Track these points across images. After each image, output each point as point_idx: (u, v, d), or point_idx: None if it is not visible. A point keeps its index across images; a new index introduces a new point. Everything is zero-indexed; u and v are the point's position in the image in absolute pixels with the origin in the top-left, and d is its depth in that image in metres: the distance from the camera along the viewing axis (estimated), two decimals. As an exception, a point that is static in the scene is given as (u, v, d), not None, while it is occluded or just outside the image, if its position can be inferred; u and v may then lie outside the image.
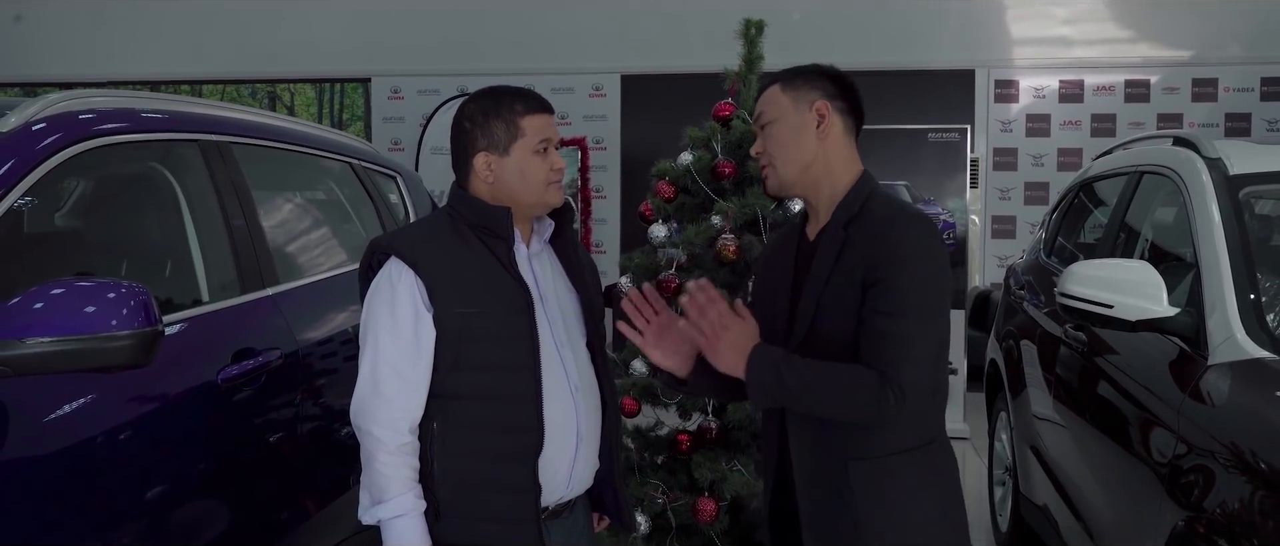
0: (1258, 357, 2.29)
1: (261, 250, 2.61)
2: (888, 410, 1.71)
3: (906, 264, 1.74)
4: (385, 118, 8.75)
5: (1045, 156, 8.02)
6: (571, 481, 1.97)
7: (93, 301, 1.70)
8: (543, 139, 1.94)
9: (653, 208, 3.28)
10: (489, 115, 1.94)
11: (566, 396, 1.94)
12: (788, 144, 1.90)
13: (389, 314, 1.86)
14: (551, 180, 1.95)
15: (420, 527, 1.85)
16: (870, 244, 1.78)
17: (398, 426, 1.85)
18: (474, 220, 1.93)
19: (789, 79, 1.94)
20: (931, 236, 1.79)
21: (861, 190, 1.89)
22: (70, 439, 1.88)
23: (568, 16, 8.21)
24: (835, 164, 1.91)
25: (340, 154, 3.36)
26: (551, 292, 2.00)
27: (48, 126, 2.09)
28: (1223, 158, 2.83)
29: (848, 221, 1.85)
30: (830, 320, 1.80)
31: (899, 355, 1.71)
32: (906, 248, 1.75)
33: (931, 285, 1.76)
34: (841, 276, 1.80)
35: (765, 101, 1.96)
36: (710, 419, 3.08)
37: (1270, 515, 1.90)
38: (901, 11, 7.86)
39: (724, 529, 3.03)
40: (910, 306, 1.73)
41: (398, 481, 1.84)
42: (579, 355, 2.01)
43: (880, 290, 1.74)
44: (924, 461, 1.84)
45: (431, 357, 1.86)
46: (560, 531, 1.99)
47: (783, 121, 1.91)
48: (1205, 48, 7.78)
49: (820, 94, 1.91)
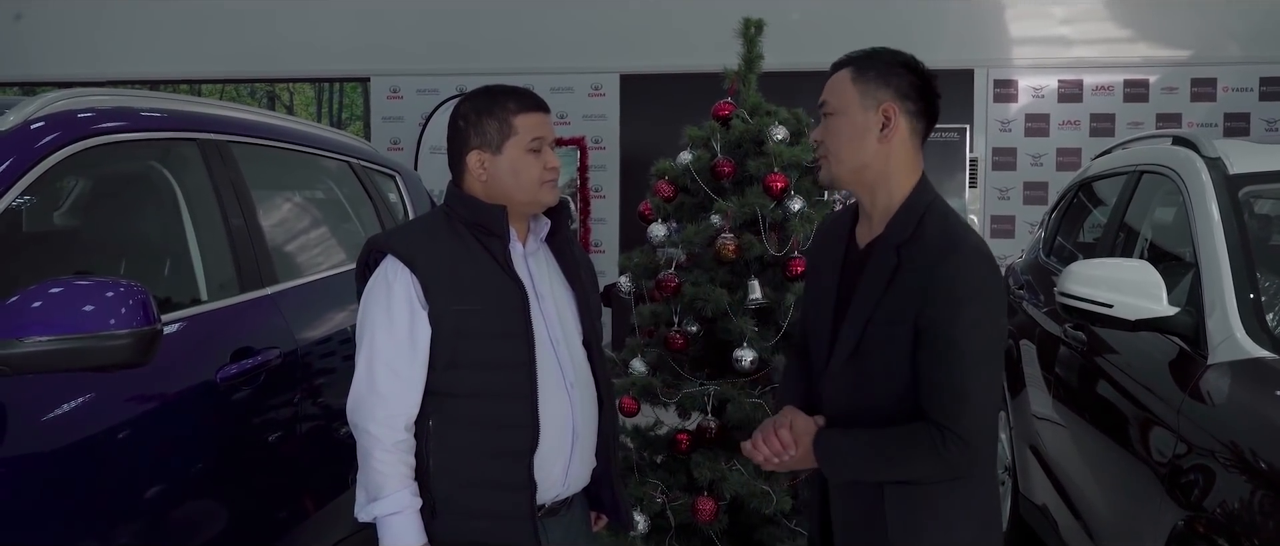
0: (1258, 357, 2.29)
1: (260, 249, 2.61)
2: (955, 462, 1.67)
3: (962, 307, 1.66)
4: (384, 117, 8.74)
5: (1044, 156, 8.02)
6: (568, 479, 1.97)
7: (91, 300, 1.70)
8: (536, 137, 1.93)
9: (652, 207, 3.27)
10: (482, 113, 1.95)
11: (562, 394, 1.94)
12: (847, 141, 1.78)
13: (385, 312, 1.86)
14: (545, 179, 1.94)
15: (416, 524, 1.86)
16: (924, 277, 1.69)
17: (393, 424, 1.86)
18: (469, 218, 1.93)
19: (861, 68, 1.79)
20: (988, 272, 1.71)
21: (917, 205, 1.77)
22: (69, 438, 1.87)
23: (567, 16, 8.21)
24: (895, 169, 1.79)
25: (339, 153, 3.36)
26: (547, 290, 2.00)
27: (46, 125, 2.09)
28: (1222, 157, 2.82)
29: (901, 243, 1.74)
30: (875, 349, 1.74)
31: (958, 407, 1.66)
32: (962, 288, 1.66)
33: (987, 328, 1.69)
34: (891, 305, 1.72)
35: (832, 88, 1.82)
36: (709, 418, 3.07)
37: (1270, 515, 1.89)
38: (900, 11, 7.85)
39: (723, 528, 3.03)
40: (967, 355, 1.66)
41: (393, 478, 1.85)
42: (575, 353, 2.01)
43: (935, 336, 1.67)
44: (962, 491, 1.76)
45: (427, 355, 1.87)
46: (557, 529, 2.00)
47: (845, 116, 1.79)
48: (1204, 47, 7.77)
49: (891, 94, 1.77)
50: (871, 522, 1.79)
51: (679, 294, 3.09)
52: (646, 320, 3.17)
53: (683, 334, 3.10)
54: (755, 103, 3.23)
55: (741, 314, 3.03)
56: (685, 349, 3.11)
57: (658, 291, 3.14)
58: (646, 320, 3.17)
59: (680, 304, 3.10)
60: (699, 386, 3.08)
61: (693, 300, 3.06)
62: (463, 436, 1.89)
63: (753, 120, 3.18)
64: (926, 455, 1.68)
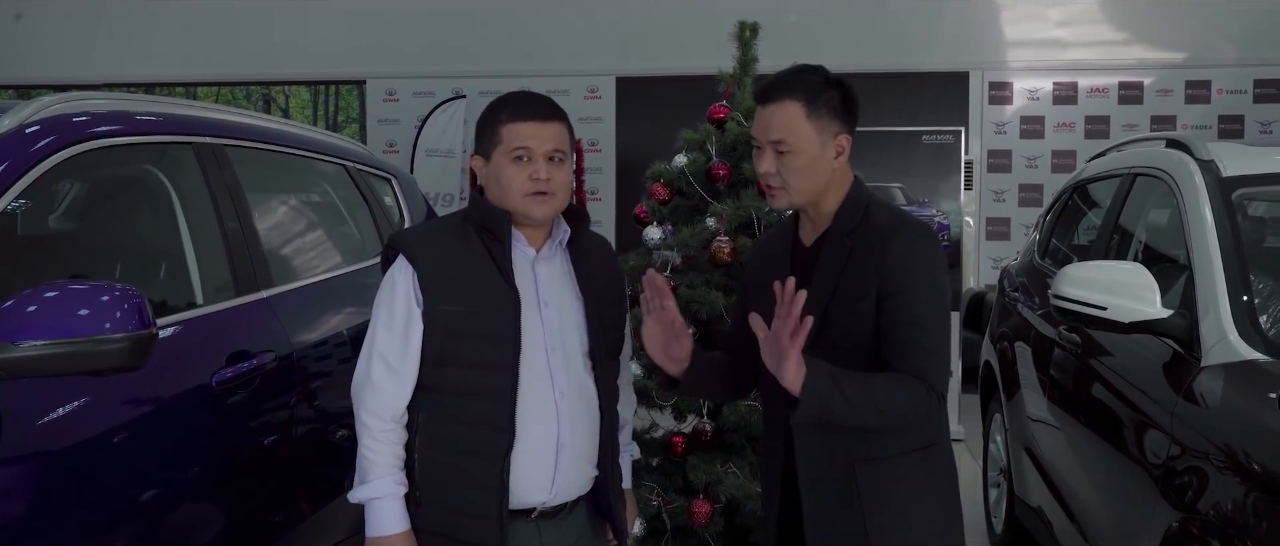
0: (1251, 359, 2.29)
1: (256, 253, 2.61)
2: (933, 412, 1.87)
3: (920, 275, 1.85)
4: (380, 120, 8.74)
5: (1039, 158, 8.03)
6: (555, 487, 1.97)
7: (87, 304, 1.70)
8: (520, 147, 1.90)
9: (647, 210, 3.28)
10: (484, 118, 1.98)
11: (548, 402, 1.94)
12: (808, 176, 1.92)
13: (388, 306, 1.93)
14: (529, 191, 1.90)
15: (398, 511, 1.90)
16: (878, 255, 1.86)
17: (382, 414, 1.91)
18: (478, 220, 1.97)
19: (811, 100, 1.90)
20: (935, 246, 1.91)
21: (860, 197, 1.96)
22: (64, 442, 1.87)
23: (563, 19, 8.21)
24: (839, 179, 1.96)
25: (335, 156, 3.36)
26: (554, 298, 1.99)
27: (42, 129, 2.09)
28: (1216, 159, 2.83)
29: (851, 230, 1.91)
30: (840, 329, 1.87)
31: (930, 362, 1.84)
32: (916, 259, 1.86)
33: (941, 294, 1.91)
34: (850, 285, 1.87)
35: (786, 127, 1.90)
36: (705, 421, 3.08)
37: (1263, 516, 1.90)
38: (896, 14, 7.87)
39: (719, 531, 3.03)
40: (928, 318, 1.85)
41: (380, 465, 1.90)
42: (573, 363, 1.99)
43: (899, 303, 1.84)
44: (926, 462, 1.93)
45: (419, 351, 1.90)
46: (554, 532, 2.00)
47: (804, 153, 1.90)
48: (1199, 50, 7.80)
49: (841, 125, 1.93)
50: (843, 502, 1.89)
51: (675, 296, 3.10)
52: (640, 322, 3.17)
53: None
54: (750, 106, 3.23)
55: (737, 316, 3.04)
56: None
57: (653, 294, 3.14)
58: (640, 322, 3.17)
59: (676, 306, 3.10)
60: (695, 389, 3.08)
61: (688, 303, 3.07)
62: (447, 432, 1.92)
63: (748, 123, 3.18)
64: (916, 398, 1.82)
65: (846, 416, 1.80)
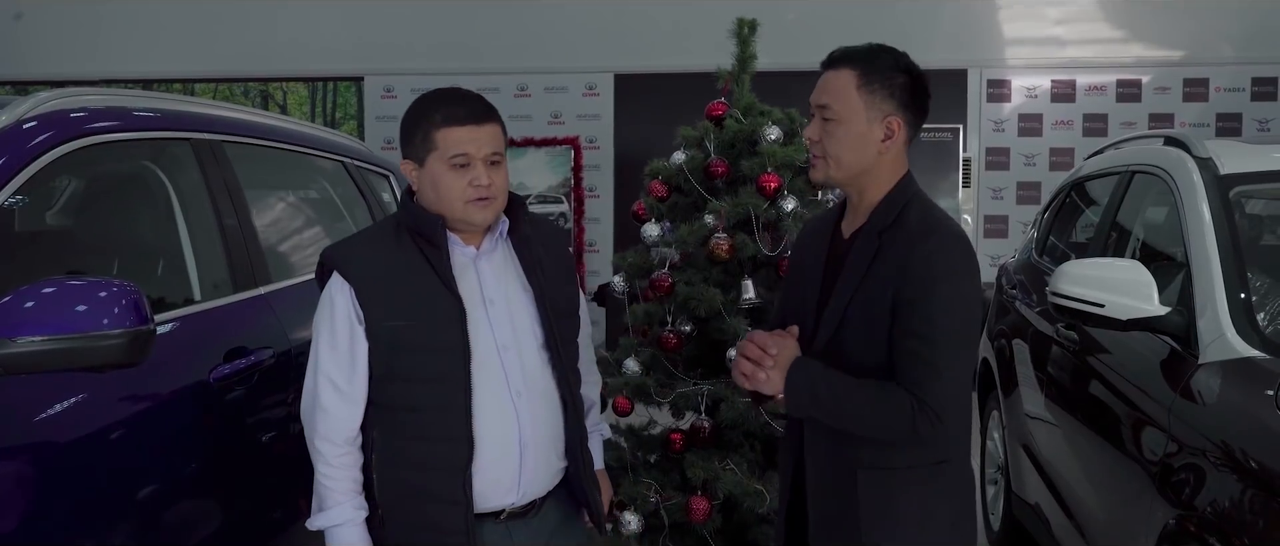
0: (1248, 356, 2.29)
1: (254, 249, 2.61)
2: (922, 431, 1.71)
3: (939, 285, 1.71)
4: (378, 116, 8.73)
5: (1037, 156, 8.03)
6: (521, 487, 1.93)
7: (84, 300, 1.70)
8: (459, 153, 1.83)
9: (646, 207, 3.28)
10: (411, 120, 1.89)
11: (506, 404, 1.89)
12: (849, 149, 1.82)
13: (329, 326, 1.87)
14: (470, 198, 1.84)
15: (360, 535, 1.87)
16: (903, 258, 1.74)
17: (335, 438, 1.87)
18: (411, 226, 1.90)
19: (867, 75, 1.80)
20: (964, 254, 1.76)
21: (901, 195, 1.83)
22: (62, 438, 1.87)
23: (561, 16, 8.20)
24: (886, 167, 1.84)
25: (333, 153, 3.36)
26: (500, 294, 1.93)
27: (39, 125, 2.08)
28: (1213, 157, 2.83)
29: (883, 229, 1.80)
30: (855, 331, 1.79)
31: (933, 380, 1.70)
32: (939, 267, 1.72)
33: (962, 307, 1.74)
34: (871, 288, 1.77)
35: (835, 92, 1.82)
36: (703, 418, 3.08)
37: (1260, 513, 1.90)
38: (894, 11, 7.86)
39: (717, 528, 3.03)
40: (942, 330, 1.71)
41: (336, 491, 1.87)
42: (527, 358, 1.93)
43: (912, 311, 1.72)
44: (936, 480, 1.81)
45: (366, 370, 1.86)
46: (524, 531, 1.96)
47: (849, 125, 1.81)
48: (1197, 48, 7.80)
49: (896, 106, 1.81)
50: (845, 508, 1.81)
51: (672, 294, 3.10)
52: (640, 320, 3.17)
53: (676, 333, 3.10)
54: (749, 103, 3.23)
55: (735, 314, 3.04)
56: (679, 348, 3.12)
57: (651, 291, 3.14)
58: (640, 320, 3.17)
59: (674, 304, 3.11)
60: (692, 386, 3.09)
61: (686, 300, 3.07)
62: (402, 448, 1.87)
63: (746, 120, 3.18)
64: (896, 414, 1.71)
65: (826, 418, 1.80)
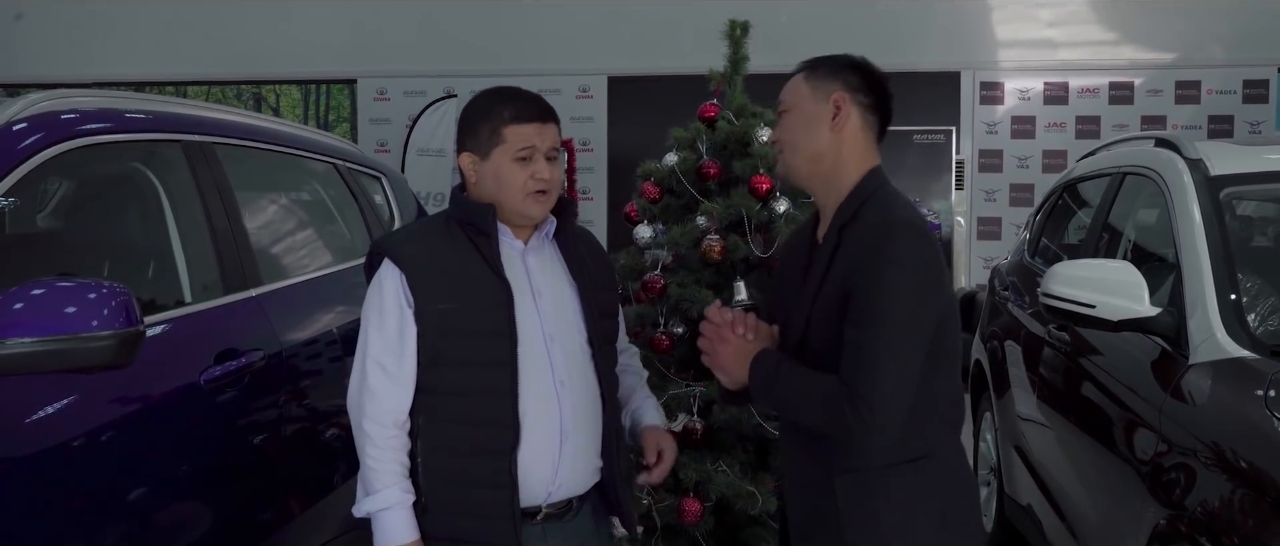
0: (1238, 357, 2.30)
1: (245, 251, 2.60)
2: (855, 425, 1.64)
3: (883, 272, 1.66)
4: (371, 119, 8.73)
5: (1030, 158, 8.06)
6: (558, 479, 1.95)
7: (73, 302, 1.69)
8: (525, 147, 1.91)
9: (638, 209, 3.28)
10: (478, 116, 1.96)
11: (549, 393, 1.93)
12: (801, 131, 1.86)
13: (377, 310, 1.90)
14: (531, 190, 1.91)
15: (407, 520, 1.87)
16: (857, 251, 1.72)
17: (383, 421, 1.88)
18: (461, 217, 1.96)
19: (812, 67, 1.90)
20: (916, 244, 1.70)
21: (862, 191, 1.82)
22: (51, 440, 1.86)
23: (554, 18, 8.21)
24: (848, 159, 1.84)
25: (325, 155, 3.35)
26: (547, 288, 1.99)
27: (29, 126, 2.08)
28: (1204, 159, 2.85)
29: (843, 225, 1.79)
30: (819, 331, 1.76)
31: (865, 369, 1.64)
32: (885, 256, 1.67)
33: (907, 296, 1.66)
34: (830, 285, 1.75)
35: (787, 88, 1.91)
36: (695, 419, 3.08)
37: (1250, 513, 1.91)
38: (887, 13, 7.88)
39: (709, 529, 3.03)
40: (882, 318, 1.65)
41: (384, 474, 1.87)
42: (572, 351, 1.98)
43: (856, 300, 1.68)
44: (917, 478, 1.74)
45: (415, 354, 1.88)
46: (559, 534, 1.98)
47: (799, 109, 1.87)
48: (1189, 51, 7.83)
49: (841, 85, 1.85)
50: (824, 514, 1.79)
51: (665, 295, 3.10)
52: (633, 321, 3.17)
53: (669, 335, 3.10)
54: (741, 104, 3.24)
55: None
56: (671, 350, 3.12)
57: (644, 293, 3.14)
58: (633, 321, 3.17)
59: (666, 305, 3.11)
60: (685, 388, 3.09)
61: (679, 301, 3.07)
62: (448, 433, 1.90)
63: (738, 121, 3.19)
64: (827, 407, 1.67)
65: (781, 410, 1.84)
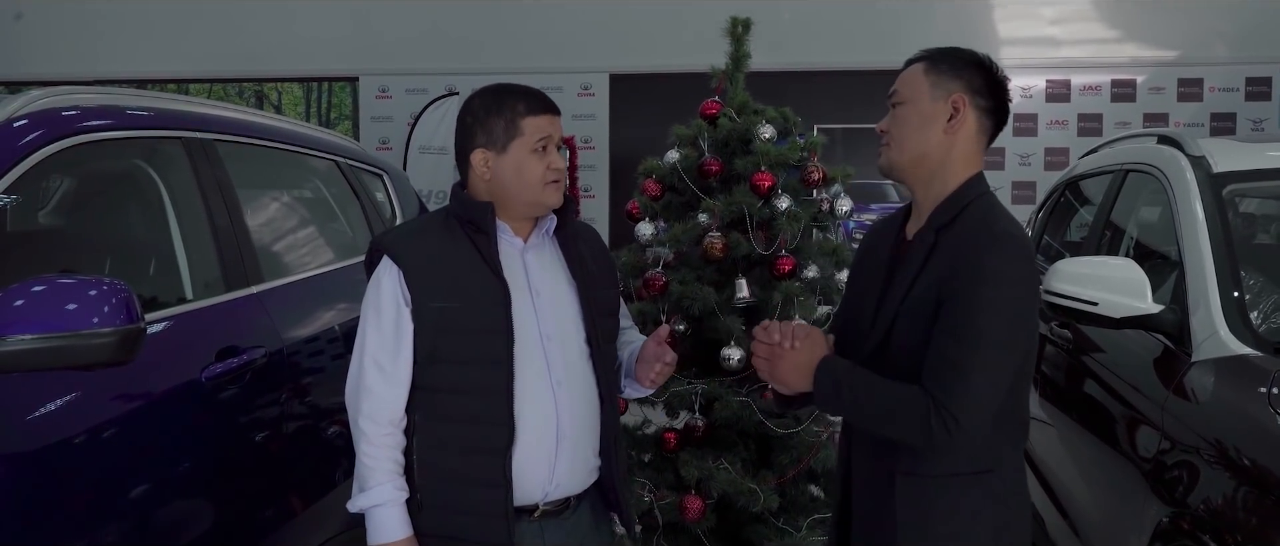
0: (1241, 354, 2.30)
1: (246, 248, 2.60)
2: (937, 437, 1.63)
3: (983, 286, 1.63)
4: (373, 117, 8.74)
5: (1032, 156, 8.05)
6: (555, 479, 1.95)
7: (74, 299, 1.69)
8: (542, 138, 1.93)
9: (639, 206, 3.27)
10: (490, 112, 1.95)
11: (545, 392, 1.93)
12: (913, 129, 1.79)
13: (375, 308, 1.91)
14: (548, 180, 1.93)
15: (400, 517, 1.88)
16: (954, 256, 1.69)
17: (379, 418, 1.89)
18: (461, 215, 1.96)
19: (935, 61, 1.82)
20: (1018, 258, 1.68)
21: (964, 195, 1.77)
22: (52, 437, 1.86)
23: (556, 16, 8.21)
24: (953, 162, 1.78)
25: (326, 152, 3.35)
26: (546, 286, 1.99)
27: (30, 123, 2.08)
28: (1206, 156, 2.84)
29: (941, 226, 1.75)
30: (905, 332, 1.73)
31: (956, 382, 1.62)
32: (987, 267, 1.64)
33: (1006, 311, 1.64)
34: (922, 287, 1.71)
35: (904, 78, 1.84)
36: (697, 417, 3.07)
37: (1253, 510, 1.91)
38: (889, 11, 7.87)
39: (711, 527, 3.03)
40: (981, 336, 1.62)
41: (379, 472, 1.88)
42: (570, 351, 1.98)
43: (951, 309, 1.65)
44: (978, 489, 1.73)
45: (411, 351, 1.89)
46: (558, 531, 1.98)
47: (914, 105, 1.80)
48: (1191, 48, 7.82)
49: (962, 86, 1.78)
50: (883, 513, 1.78)
51: (666, 292, 3.10)
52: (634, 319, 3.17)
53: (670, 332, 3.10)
54: (743, 101, 3.23)
55: (729, 312, 3.04)
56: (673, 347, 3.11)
57: (645, 290, 3.14)
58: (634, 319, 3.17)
59: (668, 303, 3.10)
60: (687, 385, 3.08)
61: (680, 299, 3.07)
62: (443, 431, 1.90)
63: (740, 119, 3.18)
64: (912, 418, 1.65)
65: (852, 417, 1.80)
